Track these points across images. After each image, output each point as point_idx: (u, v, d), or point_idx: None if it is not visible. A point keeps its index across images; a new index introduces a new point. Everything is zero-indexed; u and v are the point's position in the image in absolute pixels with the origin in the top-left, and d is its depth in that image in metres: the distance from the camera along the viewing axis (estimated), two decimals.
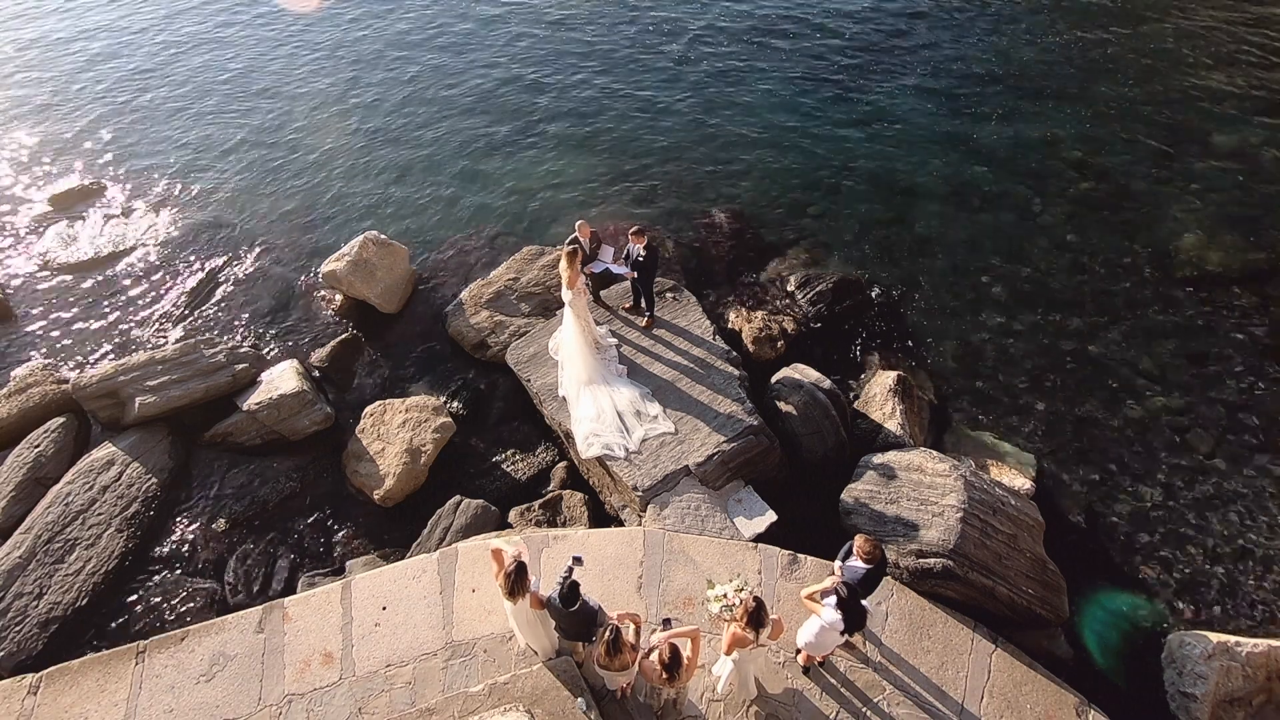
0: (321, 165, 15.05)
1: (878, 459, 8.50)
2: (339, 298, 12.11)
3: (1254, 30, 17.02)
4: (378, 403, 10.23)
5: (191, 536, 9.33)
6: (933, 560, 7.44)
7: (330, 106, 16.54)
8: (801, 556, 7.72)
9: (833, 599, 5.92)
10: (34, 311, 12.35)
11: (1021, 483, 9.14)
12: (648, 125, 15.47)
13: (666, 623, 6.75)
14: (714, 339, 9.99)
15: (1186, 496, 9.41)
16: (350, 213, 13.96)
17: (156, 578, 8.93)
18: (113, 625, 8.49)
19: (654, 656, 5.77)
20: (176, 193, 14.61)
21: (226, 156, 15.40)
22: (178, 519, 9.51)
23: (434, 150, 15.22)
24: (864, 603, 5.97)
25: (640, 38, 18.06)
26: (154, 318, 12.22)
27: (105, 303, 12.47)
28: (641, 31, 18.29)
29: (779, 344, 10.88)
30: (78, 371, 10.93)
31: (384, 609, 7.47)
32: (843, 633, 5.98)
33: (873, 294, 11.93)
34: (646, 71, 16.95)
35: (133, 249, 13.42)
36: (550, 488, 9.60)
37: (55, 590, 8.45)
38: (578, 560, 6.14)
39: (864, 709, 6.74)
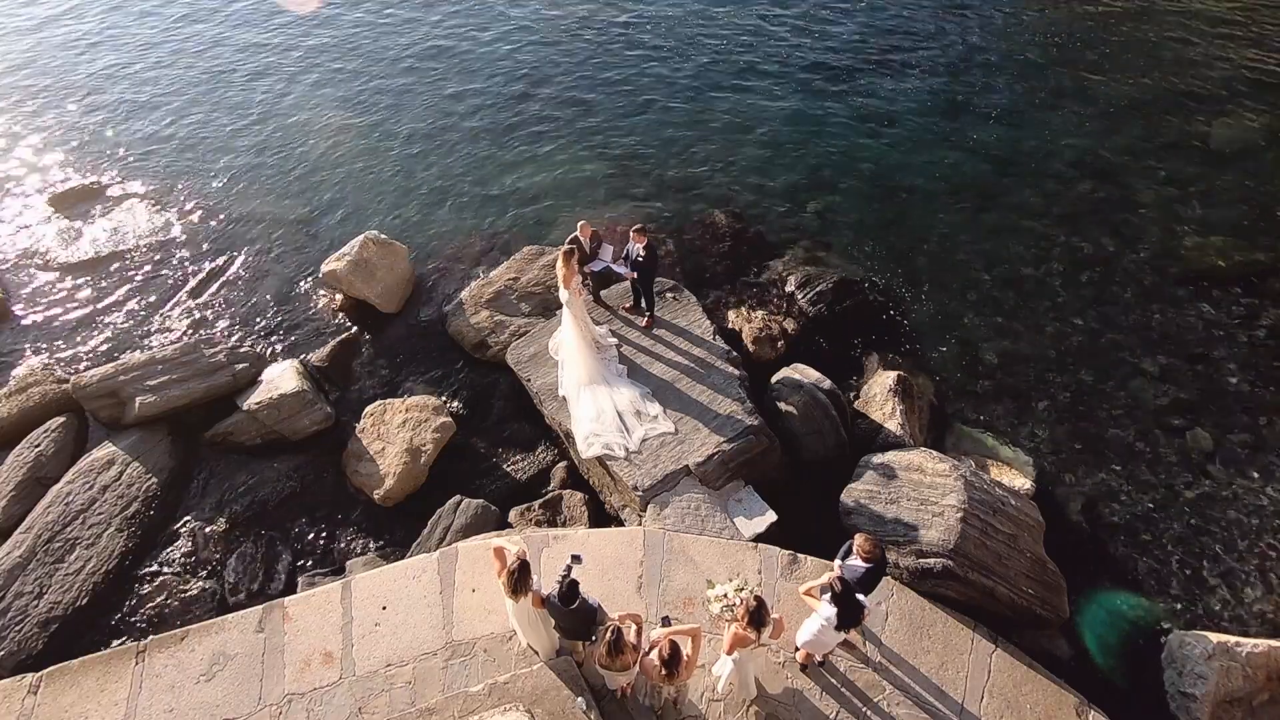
0: (322, 165, 15.05)
1: (878, 459, 8.51)
2: (339, 297, 12.11)
3: (1254, 30, 17.03)
4: (378, 402, 10.24)
5: (191, 536, 9.33)
6: (933, 560, 7.45)
7: (330, 107, 16.53)
8: (801, 556, 7.72)
9: (829, 594, 5.93)
10: (34, 311, 12.36)
11: (1021, 483, 9.14)
12: (648, 125, 15.47)
13: (665, 621, 6.76)
14: (714, 339, 9.99)
15: (1186, 496, 9.41)
16: (350, 212, 13.96)
17: (157, 577, 8.93)
18: (113, 625, 8.50)
19: (653, 653, 5.77)
20: (177, 193, 14.61)
21: (227, 157, 15.40)
22: (178, 519, 9.50)
23: (434, 150, 15.22)
24: (861, 599, 5.97)
25: (640, 39, 18.06)
26: (154, 318, 12.22)
27: (105, 303, 12.46)
28: (641, 33, 18.30)
29: (779, 344, 10.88)
30: (78, 371, 10.92)
31: (384, 609, 7.47)
32: (838, 628, 5.97)
33: (873, 294, 11.92)
34: (647, 72, 16.95)
35: (133, 249, 13.42)
36: (550, 488, 9.59)
37: (55, 590, 8.45)
38: (576, 559, 6.14)
39: (864, 709, 6.74)
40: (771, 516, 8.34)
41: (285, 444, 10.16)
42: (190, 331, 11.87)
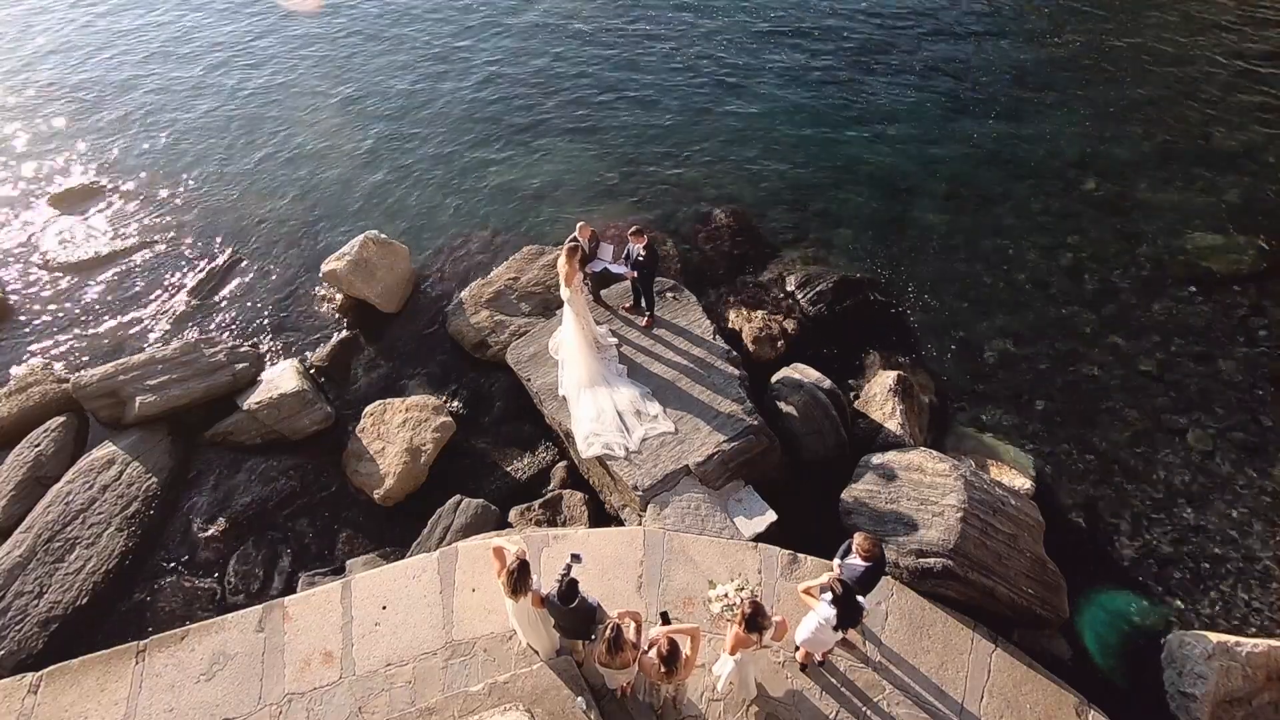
0: (322, 165, 15.04)
1: (878, 459, 8.51)
2: (339, 297, 12.11)
3: (1255, 29, 17.03)
4: (378, 402, 10.24)
5: (191, 536, 9.33)
6: (933, 560, 7.45)
7: (331, 107, 16.54)
8: (801, 556, 7.72)
9: (828, 595, 5.94)
10: (34, 311, 12.35)
11: (1021, 483, 9.14)
12: (648, 125, 15.46)
13: (664, 616, 6.76)
14: (714, 339, 9.99)
15: (1186, 497, 9.41)
16: (351, 212, 13.96)
17: (157, 577, 8.94)
18: (113, 624, 8.49)
19: (652, 651, 5.77)
20: (177, 192, 14.61)
21: (227, 156, 15.40)
22: (178, 518, 9.51)
23: (435, 150, 15.22)
24: (860, 599, 5.97)
25: (641, 38, 18.06)
26: (154, 318, 12.22)
27: (105, 303, 12.46)
28: (642, 32, 18.29)
29: (779, 344, 10.88)
30: (78, 371, 10.91)
31: (384, 608, 7.47)
32: (836, 628, 5.98)
33: (873, 294, 11.92)
34: (647, 72, 16.95)
35: (133, 249, 13.42)
36: (550, 487, 9.59)
37: (55, 589, 8.45)
38: (576, 558, 6.13)
39: (864, 709, 6.74)
40: (771, 516, 8.34)
41: (285, 444, 10.16)
42: (190, 331, 11.86)
